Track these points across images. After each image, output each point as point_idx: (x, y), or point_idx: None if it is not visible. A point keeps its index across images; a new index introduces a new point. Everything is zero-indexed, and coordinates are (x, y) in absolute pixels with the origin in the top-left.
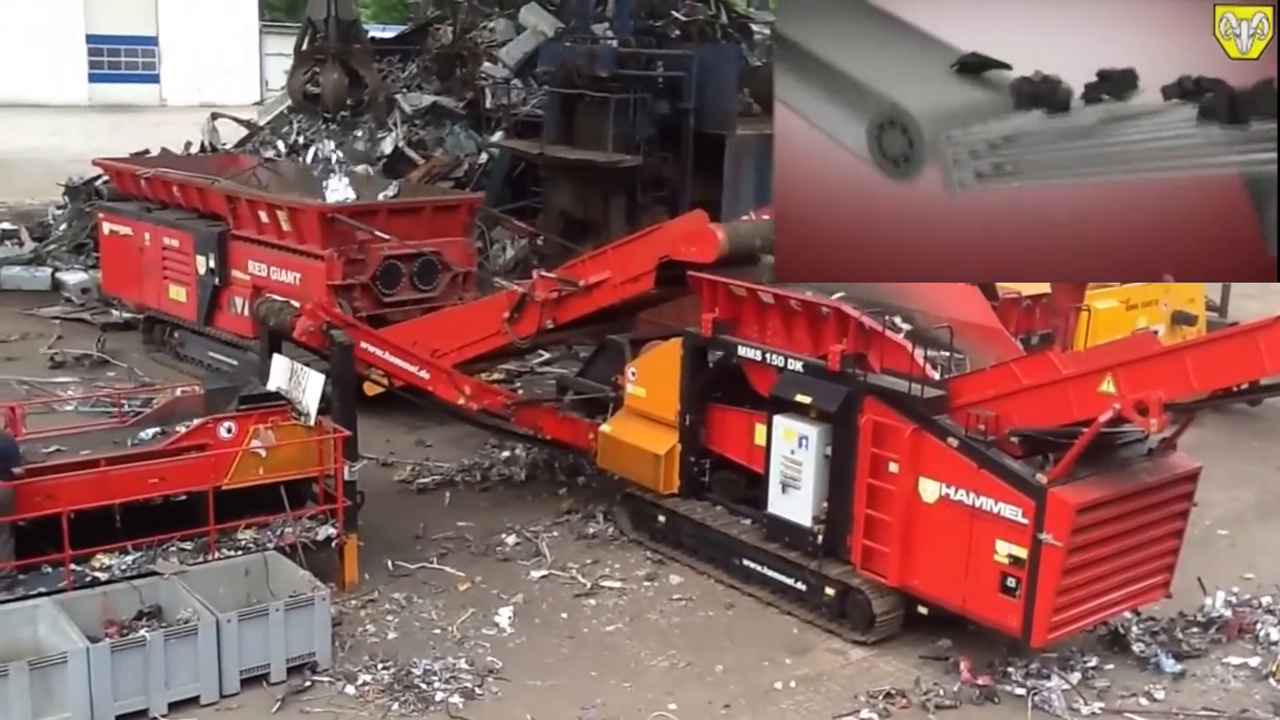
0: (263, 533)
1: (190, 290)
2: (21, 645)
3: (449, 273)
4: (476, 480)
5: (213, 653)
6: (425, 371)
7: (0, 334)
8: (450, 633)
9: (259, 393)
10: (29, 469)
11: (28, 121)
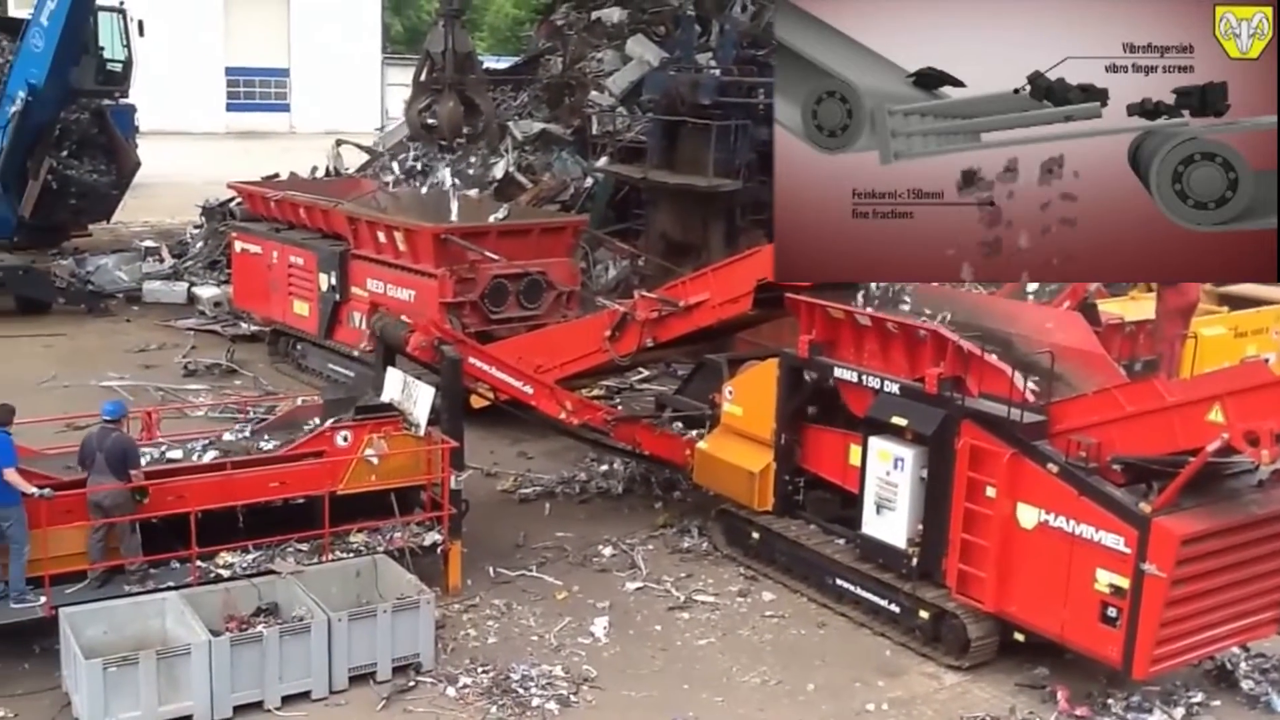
0: (373, 537)
1: (313, 305)
2: (150, 636)
3: (554, 291)
4: (575, 492)
5: (324, 650)
6: (529, 386)
7: (140, 343)
8: (547, 640)
9: (373, 403)
10: (157, 470)
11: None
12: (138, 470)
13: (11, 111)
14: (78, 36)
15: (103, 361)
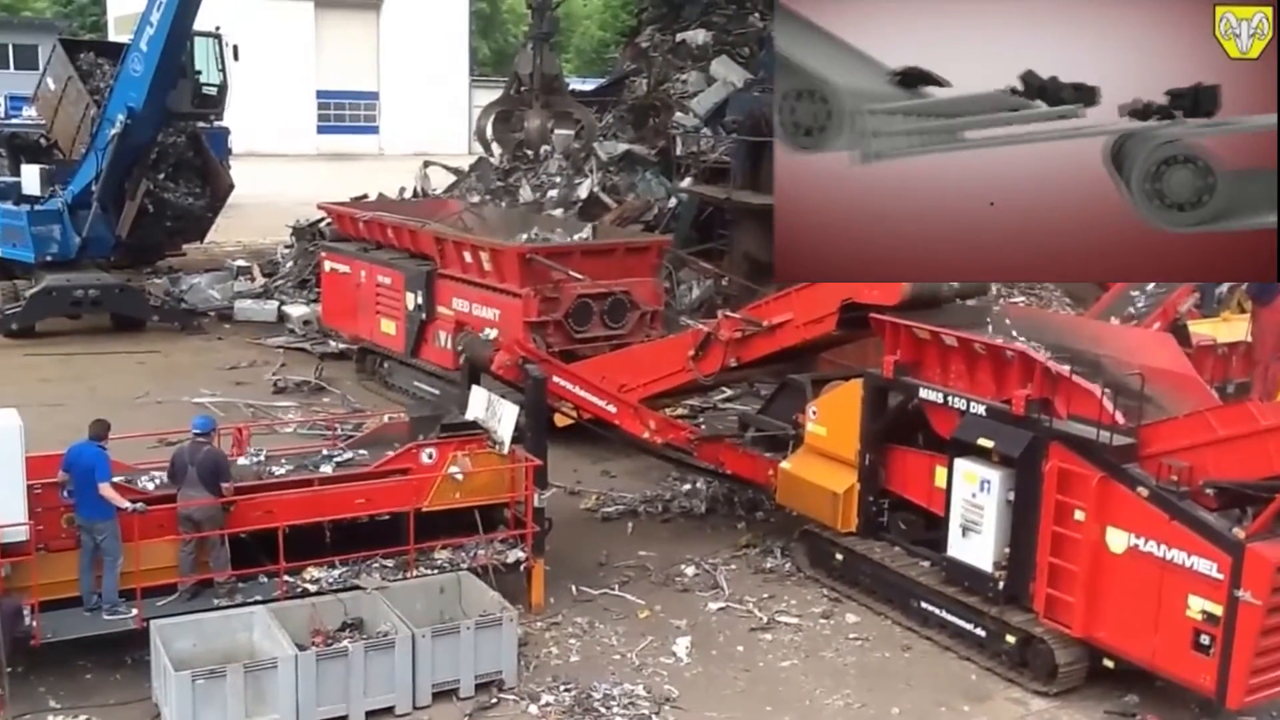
0: (457, 554)
1: (400, 324)
2: (238, 649)
3: (638, 311)
4: (658, 511)
5: (408, 666)
6: (613, 405)
7: (232, 360)
8: (629, 659)
9: (458, 421)
10: (246, 486)
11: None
12: (228, 484)
13: (111, 134)
14: (175, 61)
15: (195, 378)
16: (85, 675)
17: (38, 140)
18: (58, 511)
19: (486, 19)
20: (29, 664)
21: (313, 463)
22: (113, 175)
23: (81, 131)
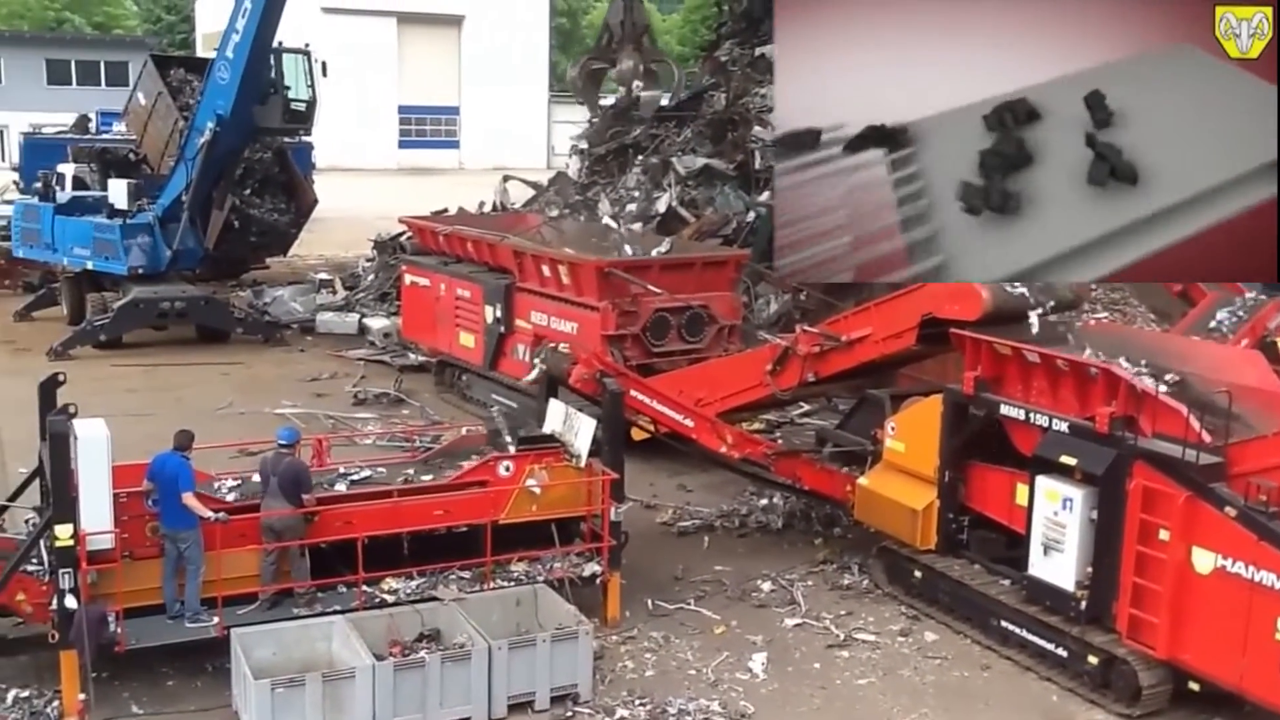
0: (534, 566)
1: (478, 337)
2: (317, 658)
3: (715, 325)
4: (734, 526)
5: (484, 677)
6: (690, 419)
7: (313, 372)
8: (705, 674)
9: (536, 434)
10: (326, 497)
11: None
12: (309, 495)
13: (200, 143)
14: (261, 68)
15: (277, 389)
16: (167, 682)
17: (127, 155)
18: (143, 520)
19: (566, 34)
20: (113, 670)
21: (328, 480)
22: (202, 186)
23: (170, 146)
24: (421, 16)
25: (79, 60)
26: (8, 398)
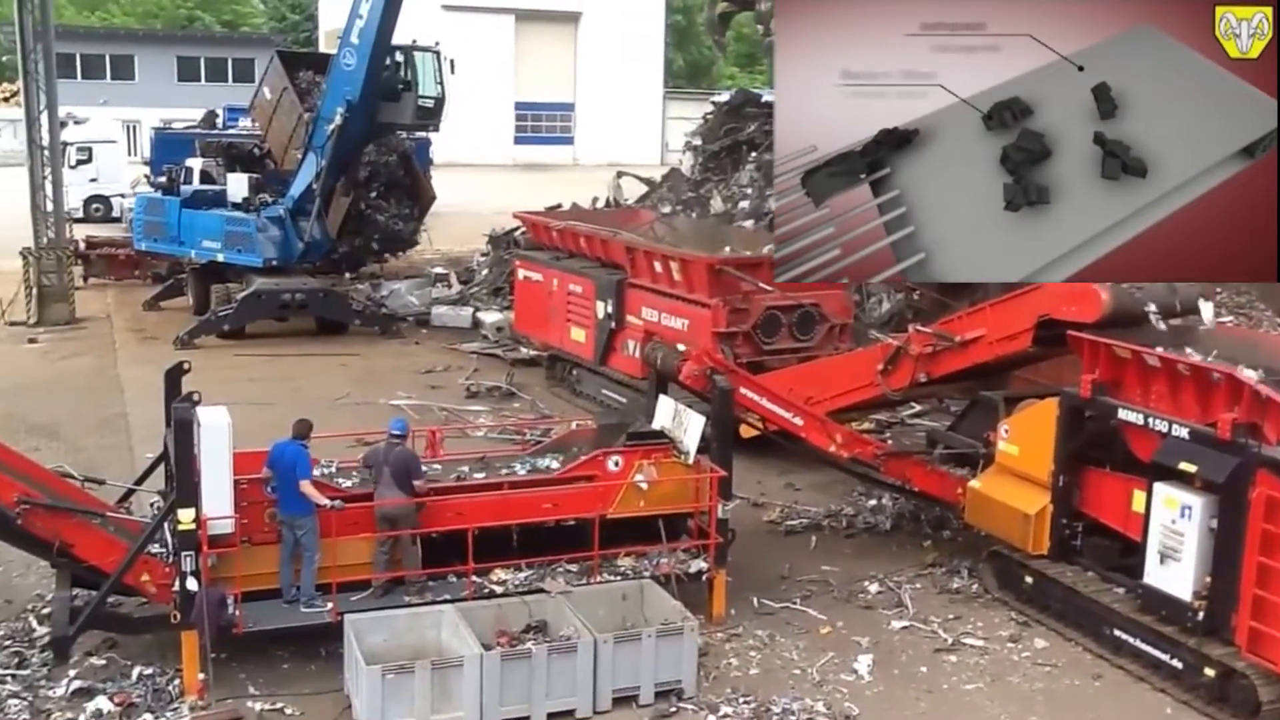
0: (640, 561)
1: (589, 332)
2: (426, 646)
3: (826, 324)
4: (842, 526)
5: (589, 670)
6: (799, 418)
7: (427, 365)
8: (809, 674)
9: (645, 430)
10: (438, 488)
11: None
12: (420, 483)
13: (330, 129)
14: (385, 52)
15: (392, 381)
16: (282, 665)
17: (252, 149)
18: (261, 506)
19: (681, 31)
20: (231, 651)
21: None
22: (330, 176)
23: (293, 140)
24: (539, 14)
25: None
26: (136, 384)
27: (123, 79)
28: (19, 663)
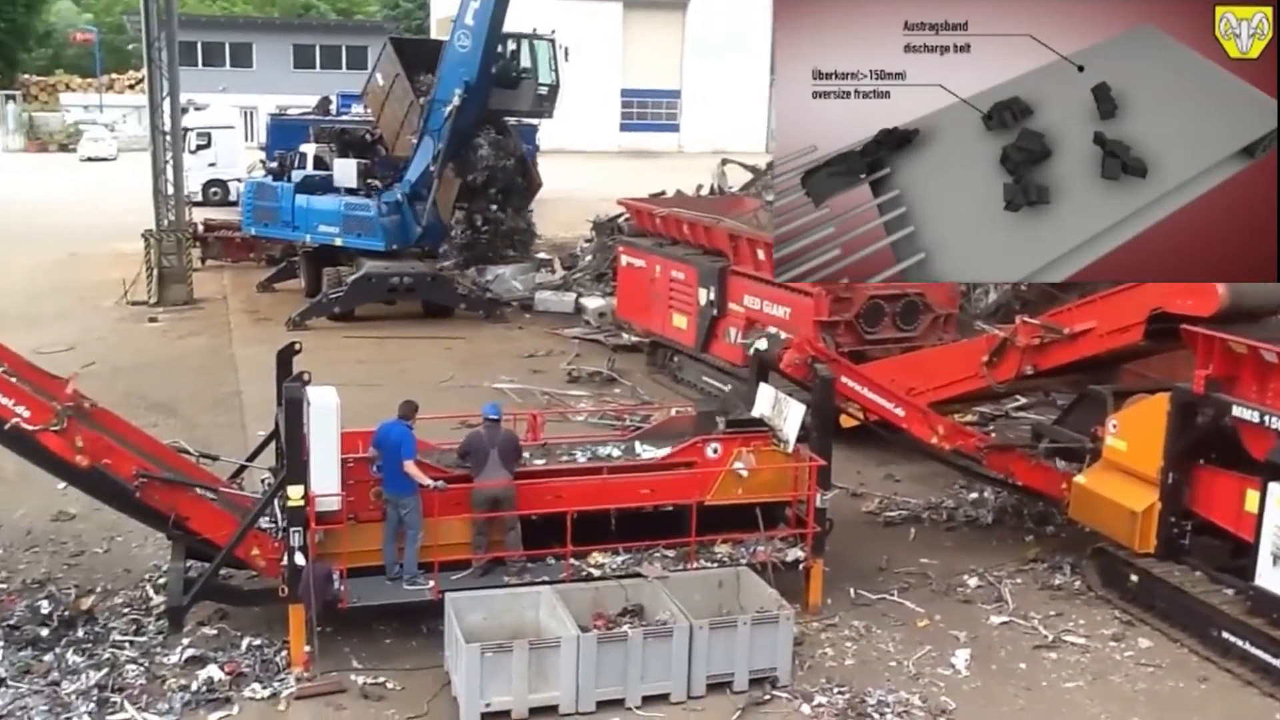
0: (737, 549)
1: (691, 319)
2: (524, 626)
3: (931, 314)
4: (942, 519)
5: (684, 655)
6: (901, 409)
7: (529, 349)
8: (905, 667)
9: (744, 418)
10: (537, 471)
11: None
12: (521, 466)
13: (447, 111)
14: (499, 33)
15: (496, 365)
16: (385, 640)
17: (364, 135)
18: (367, 485)
19: None
20: (336, 626)
21: None
22: (446, 157)
23: (404, 127)
24: (647, 1)
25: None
26: (250, 364)
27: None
28: (136, 630)
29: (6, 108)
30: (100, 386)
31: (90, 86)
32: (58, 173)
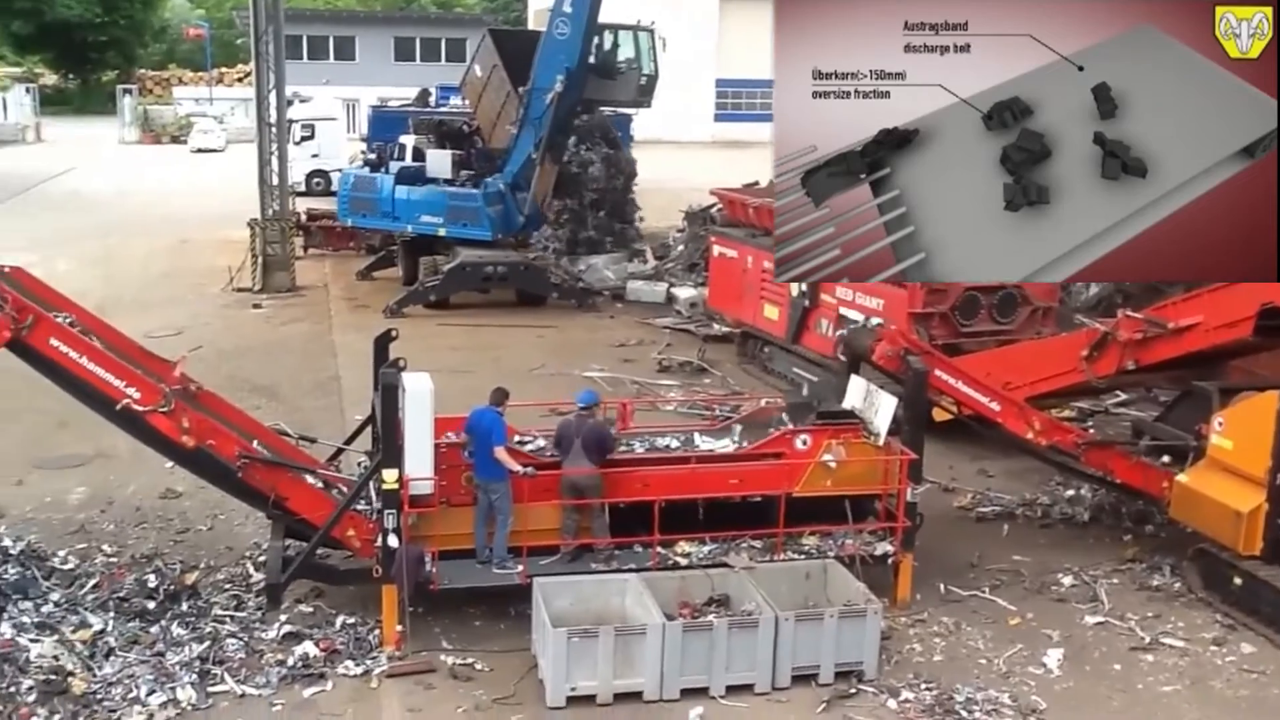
0: (825, 541)
1: (783, 310)
2: (610, 612)
3: (1029, 307)
4: (1036, 516)
5: (770, 646)
6: (996, 403)
7: (621, 339)
8: (996, 665)
9: (835, 409)
10: (625, 459)
11: (661, 156)
12: (611, 455)
13: (549, 98)
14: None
15: (587, 354)
16: (474, 622)
17: (461, 127)
18: (459, 470)
19: None
20: (427, 607)
21: None
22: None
23: (501, 118)
24: None
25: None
26: (348, 350)
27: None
28: (237, 605)
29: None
30: (206, 370)
31: (201, 80)
32: (170, 164)
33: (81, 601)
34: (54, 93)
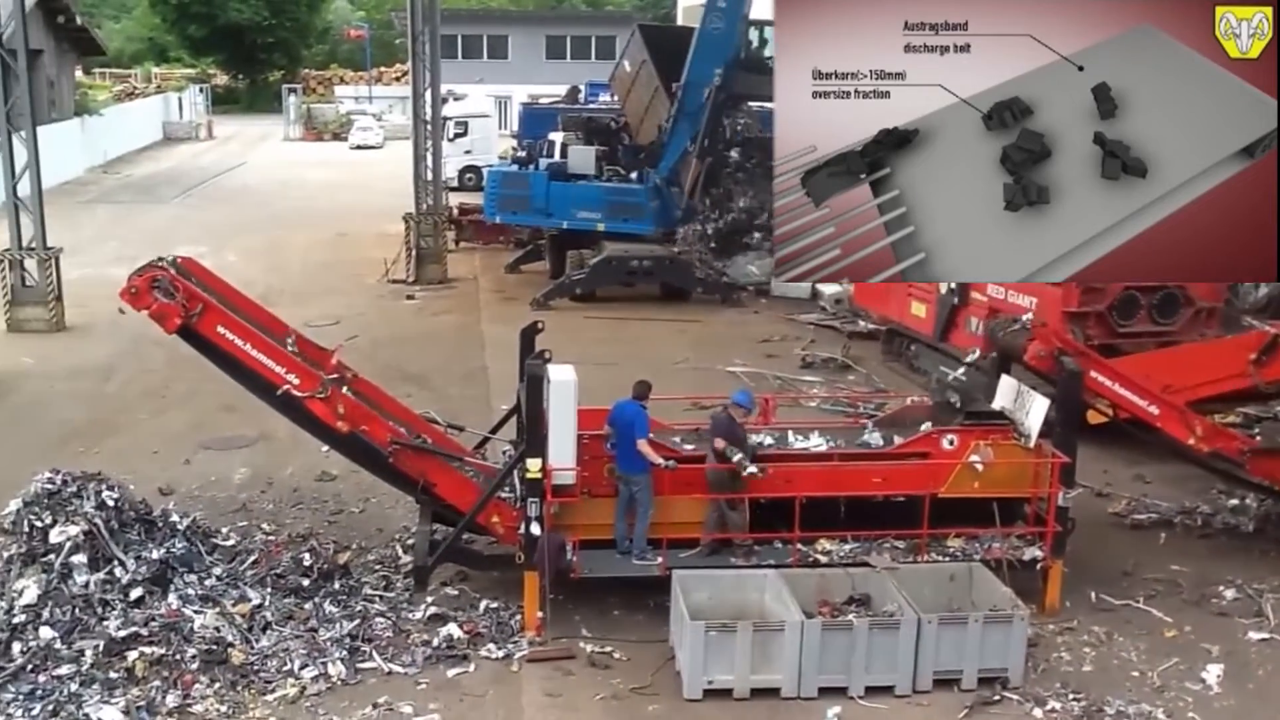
0: (970, 544)
1: (930, 307)
2: (749, 608)
3: (1192, 308)
4: (1196, 524)
5: (911, 649)
6: (1155, 407)
7: (764, 334)
8: (1149, 678)
9: (983, 410)
10: (767, 455)
11: None
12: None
13: (707, 91)
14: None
15: (730, 348)
16: (613, 611)
17: (609, 123)
18: (601, 461)
19: None
20: (567, 594)
21: None
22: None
23: (649, 114)
24: None
25: (574, 36)
26: (496, 341)
27: (497, 58)
28: (386, 586)
29: (289, 100)
30: (361, 358)
31: (361, 79)
32: (331, 160)
33: (241, 577)
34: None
